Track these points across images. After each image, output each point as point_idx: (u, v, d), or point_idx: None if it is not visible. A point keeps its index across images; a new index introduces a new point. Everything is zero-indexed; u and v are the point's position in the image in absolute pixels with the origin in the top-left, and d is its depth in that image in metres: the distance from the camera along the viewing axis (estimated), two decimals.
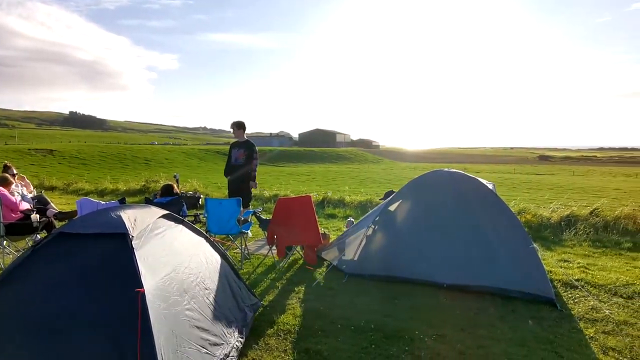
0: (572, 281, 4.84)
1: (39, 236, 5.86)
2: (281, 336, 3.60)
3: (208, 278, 3.36)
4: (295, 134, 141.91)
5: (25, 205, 6.18)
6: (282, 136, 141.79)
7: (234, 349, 3.12)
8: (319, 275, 5.20)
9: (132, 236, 2.78)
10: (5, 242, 5.71)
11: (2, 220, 5.51)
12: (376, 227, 5.20)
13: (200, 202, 9.78)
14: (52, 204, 7.14)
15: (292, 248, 5.88)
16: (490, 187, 5.19)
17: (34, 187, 8.53)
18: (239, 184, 7.01)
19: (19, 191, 6.63)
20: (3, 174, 6.38)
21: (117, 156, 41.24)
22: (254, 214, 6.52)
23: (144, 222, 3.05)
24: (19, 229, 5.77)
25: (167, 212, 3.50)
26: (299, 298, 4.48)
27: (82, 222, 2.98)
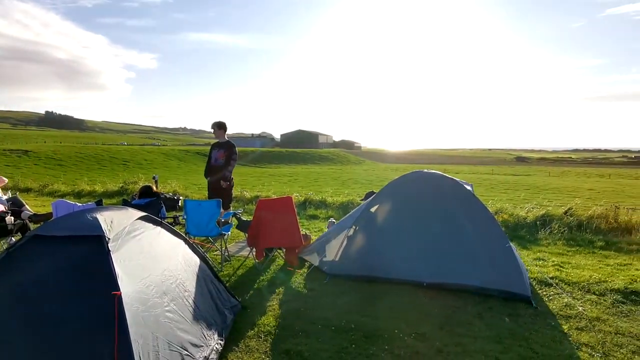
0: (546, 279, 4.97)
1: (13, 239, 5.69)
2: (262, 338, 3.59)
3: (187, 280, 3.33)
4: (277, 135, 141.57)
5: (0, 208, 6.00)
6: (264, 137, 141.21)
7: (213, 351, 3.10)
8: (300, 276, 5.20)
9: (109, 238, 2.73)
10: None
11: None
12: (357, 227, 5.23)
13: (179, 204, 9.67)
14: (27, 206, 6.95)
15: (273, 249, 5.87)
16: (468, 187, 5.29)
17: (9, 188, 8.27)
18: (219, 185, 6.96)
19: None
20: None
21: (94, 157, 40.35)
22: (235, 215, 6.48)
23: (121, 224, 3.01)
24: None
25: (144, 214, 3.45)
26: (280, 299, 4.47)
27: (58, 225, 2.93)
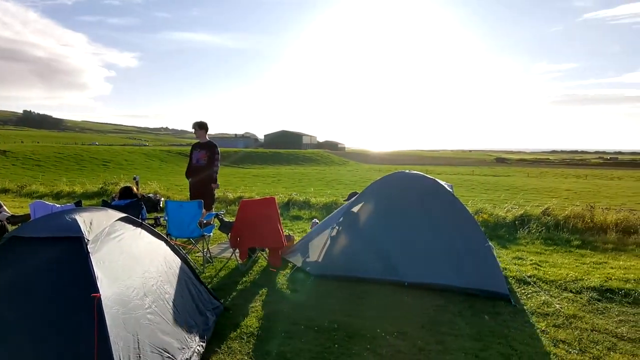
0: (525, 277, 5.08)
1: None
2: (244, 339, 3.57)
3: (168, 282, 3.29)
4: (261, 136, 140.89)
5: None
6: (247, 137, 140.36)
7: (195, 353, 3.07)
8: (283, 277, 5.19)
9: (88, 240, 2.69)
10: None
11: None
12: (340, 228, 5.25)
13: (160, 205, 9.54)
14: (4, 207, 6.80)
15: (256, 250, 5.84)
16: (448, 188, 5.36)
17: None
18: (201, 186, 6.89)
19: None
20: None
21: (74, 157, 39.45)
22: (217, 216, 6.42)
23: (100, 225, 2.96)
24: None
25: (124, 215, 3.40)
26: (263, 300, 4.45)
27: (36, 226, 2.87)
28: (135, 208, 5.57)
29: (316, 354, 3.34)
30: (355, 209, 5.39)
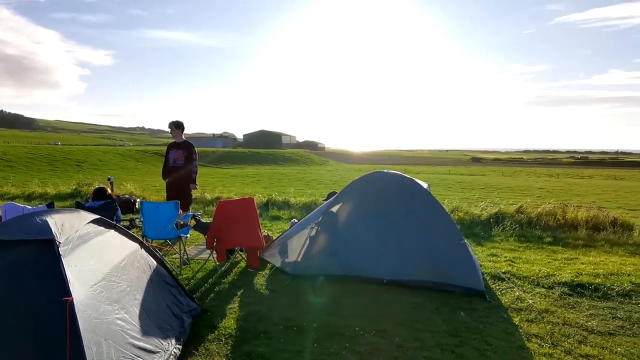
0: (499, 274, 5.20)
1: None
2: (222, 341, 3.53)
3: (143, 285, 3.23)
4: (239, 135, 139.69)
5: None
6: (225, 137, 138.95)
7: (172, 356, 3.02)
8: (262, 277, 5.16)
9: (59, 242, 2.63)
10: None
11: None
12: (319, 227, 5.26)
13: (136, 206, 9.35)
14: None
15: (234, 251, 5.78)
16: (425, 186, 5.44)
17: None
18: (178, 187, 6.79)
19: None
20: None
21: (46, 158, 38.16)
22: (194, 217, 6.34)
23: (72, 227, 2.89)
24: None
25: (98, 217, 3.32)
26: (241, 301, 4.41)
27: (6, 229, 2.79)
28: (109, 209, 5.44)
29: (295, 353, 3.33)
30: (334, 209, 5.41)
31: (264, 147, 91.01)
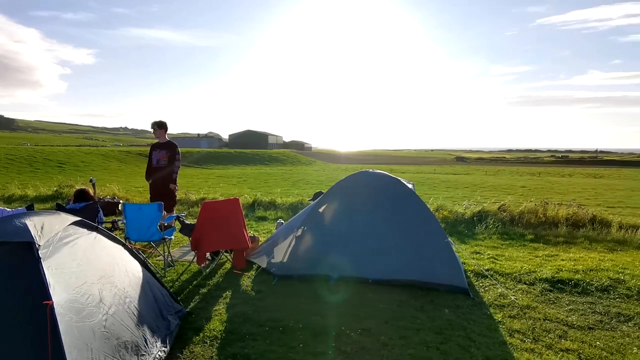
0: (482, 271, 5.28)
1: None
2: (207, 343, 3.51)
3: (126, 287, 3.19)
4: (225, 135, 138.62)
5: None
6: (211, 137, 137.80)
7: (156, 358, 2.99)
8: (248, 279, 5.14)
9: (39, 245, 2.57)
10: None
11: None
12: (305, 227, 5.26)
13: (119, 208, 9.20)
14: None
15: (220, 253, 5.74)
16: (410, 186, 5.49)
17: None
18: (162, 188, 6.71)
19: None
20: None
21: (26, 159, 37.21)
22: (178, 218, 6.27)
23: (52, 229, 2.83)
24: None
25: (79, 219, 3.26)
26: (227, 303, 4.39)
27: None
28: (91, 211, 5.37)
29: (281, 354, 3.33)
30: (321, 209, 5.41)
31: (250, 147, 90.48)
